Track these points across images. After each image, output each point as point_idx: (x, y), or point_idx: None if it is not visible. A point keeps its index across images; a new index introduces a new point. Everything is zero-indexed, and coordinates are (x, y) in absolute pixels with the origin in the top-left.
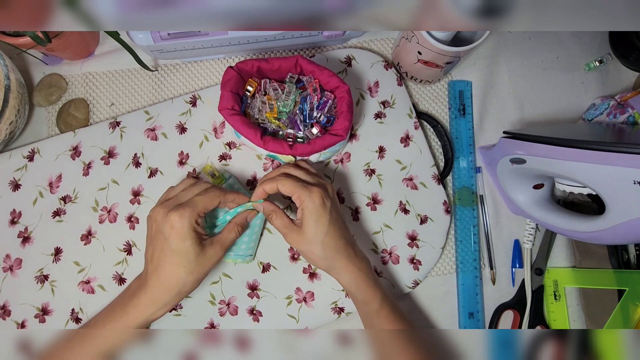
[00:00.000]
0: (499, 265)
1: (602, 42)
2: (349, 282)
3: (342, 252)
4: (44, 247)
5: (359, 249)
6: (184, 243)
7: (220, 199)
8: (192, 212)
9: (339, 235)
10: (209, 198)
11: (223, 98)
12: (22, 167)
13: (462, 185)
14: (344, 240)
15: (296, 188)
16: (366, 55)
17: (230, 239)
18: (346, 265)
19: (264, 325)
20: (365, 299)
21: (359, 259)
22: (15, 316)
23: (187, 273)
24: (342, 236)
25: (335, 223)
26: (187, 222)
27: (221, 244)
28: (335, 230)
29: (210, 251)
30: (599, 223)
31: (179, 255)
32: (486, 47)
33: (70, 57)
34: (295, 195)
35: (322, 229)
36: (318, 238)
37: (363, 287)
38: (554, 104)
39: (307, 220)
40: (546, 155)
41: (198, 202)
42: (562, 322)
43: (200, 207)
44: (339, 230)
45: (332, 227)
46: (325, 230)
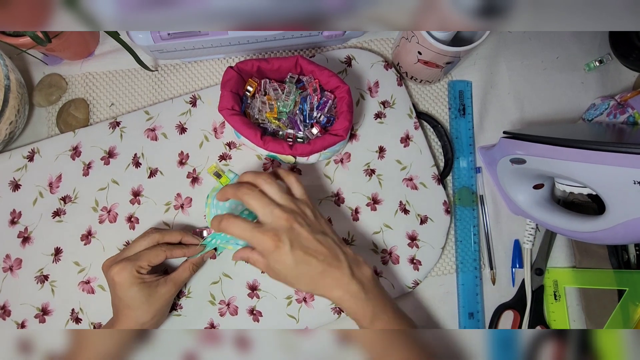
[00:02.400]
0: (499, 265)
1: (602, 42)
2: (337, 303)
3: (321, 281)
4: (44, 247)
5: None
6: (130, 291)
7: (167, 254)
8: (132, 266)
9: (312, 268)
10: (153, 254)
11: (223, 98)
12: (22, 167)
13: (462, 185)
14: (321, 268)
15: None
16: (366, 55)
17: (184, 277)
18: (329, 291)
19: (264, 325)
20: (354, 317)
21: (346, 279)
22: (15, 316)
23: (142, 313)
24: (317, 266)
25: (302, 260)
26: (127, 274)
27: (174, 282)
28: (305, 266)
29: (162, 290)
30: (599, 223)
31: (129, 300)
32: (486, 47)
33: (70, 57)
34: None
35: (288, 272)
36: (289, 280)
37: (350, 308)
38: (554, 104)
39: (270, 265)
40: (546, 155)
41: (142, 256)
42: (562, 322)
43: (142, 262)
44: (309, 264)
45: (300, 266)
46: (292, 272)
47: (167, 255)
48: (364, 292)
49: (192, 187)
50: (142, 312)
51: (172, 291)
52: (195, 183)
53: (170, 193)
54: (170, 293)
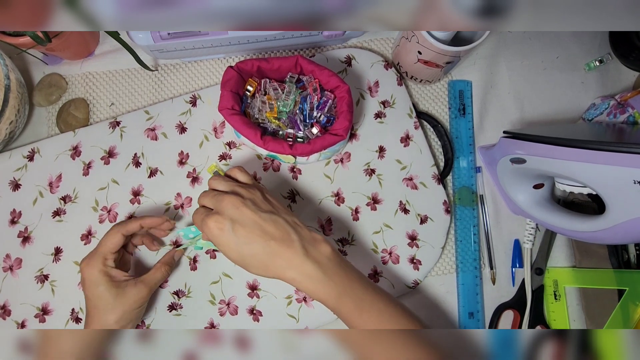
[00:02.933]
0: (499, 265)
1: (602, 42)
2: (295, 286)
3: (271, 263)
4: (44, 247)
5: (310, 237)
6: (97, 289)
7: (121, 232)
8: (98, 258)
9: (259, 249)
10: (109, 237)
11: (223, 98)
12: (22, 167)
13: (462, 185)
14: (270, 249)
15: (198, 223)
16: (366, 55)
17: (156, 278)
18: (282, 273)
19: (264, 325)
20: (317, 299)
21: (299, 259)
22: (15, 316)
23: (107, 315)
24: (265, 247)
25: (247, 242)
26: (94, 270)
27: (145, 284)
28: (251, 247)
29: (132, 291)
30: (599, 223)
31: (96, 300)
32: (486, 47)
33: (70, 57)
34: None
35: (235, 255)
36: (240, 263)
37: (309, 290)
38: (554, 104)
39: (221, 251)
40: (546, 155)
41: (101, 245)
42: (562, 322)
43: (104, 250)
44: (255, 244)
45: (245, 248)
46: (238, 255)
47: (122, 234)
48: (322, 272)
49: (192, 187)
50: (108, 313)
51: (143, 293)
52: (195, 183)
53: (170, 193)
54: (139, 295)
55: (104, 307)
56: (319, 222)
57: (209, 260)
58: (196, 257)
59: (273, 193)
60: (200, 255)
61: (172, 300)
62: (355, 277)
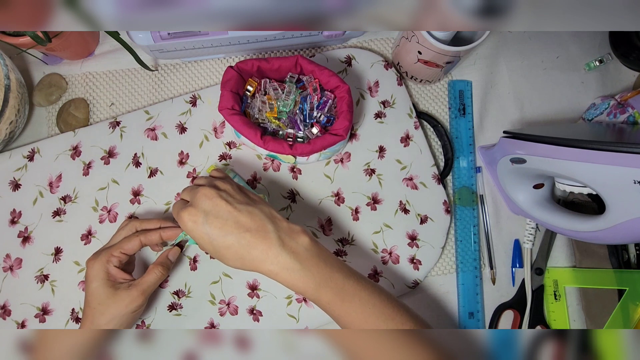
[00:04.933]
0: (499, 265)
1: (602, 42)
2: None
3: (247, 254)
4: (44, 246)
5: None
6: (92, 284)
7: (142, 240)
8: (105, 254)
9: (234, 241)
10: (126, 241)
11: (223, 98)
12: (22, 167)
13: (462, 185)
14: (245, 241)
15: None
16: (366, 55)
17: (150, 281)
18: (258, 264)
19: (264, 325)
20: (295, 290)
21: (275, 250)
22: (15, 316)
23: (97, 314)
24: (240, 238)
25: (221, 233)
26: (97, 265)
27: (138, 288)
28: (225, 238)
29: (124, 294)
30: (599, 223)
31: (89, 297)
32: (486, 47)
33: (70, 56)
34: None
35: (210, 247)
36: (216, 256)
37: (286, 281)
38: (554, 104)
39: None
40: (546, 154)
41: (116, 244)
42: (562, 322)
43: (115, 250)
44: (230, 236)
45: (219, 239)
46: (212, 247)
47: (142, 242)
48: (299, 263)
49: None
50: (98, 312)
51: (134, 297)
52: None
53: (171, 193)
54: (131, 298)
55: (96, 307)
56: (319, 222)
57: (209, 260)
58: (196, 257)
59: (273, 193)
60: (200, 255)
61: (172, 300)
62: (336, 267)
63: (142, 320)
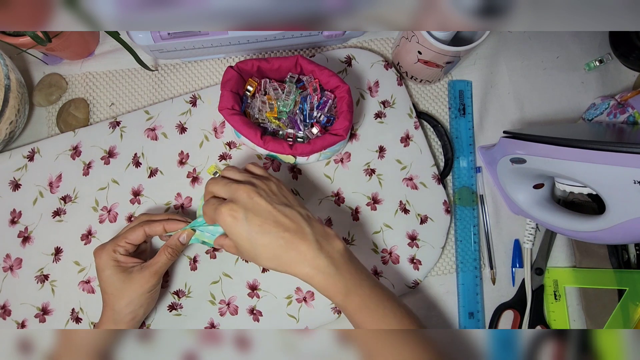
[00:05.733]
0: (499, 265)
1: (602, 42)
2: (305, 280)
3: (284, 255)
4: (44, 246)
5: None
6: (104, 273)
7: (146, 230)
8: (111, 245)
9: (272, 240)
10: (131, 231)
11: (223, 98)
12: (22, 167)
13: (462, 185)
14: (283, 241)
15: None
16: (366, 55)
17: (161, 261)
18: (294, 266)
19: (264, 325)
20: (325, 294)
21: (312, 252)
22: (15, 316)
23: (116, 299)
24: (278, 238)
25: (260, 231)
26: (104, 255)
27: (150, 269)
28: (263, 237)
29: (137, 276)
30: (599, 223)
31: (105, 284)
32: (486, 47)
33: (70, 57)
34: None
35: (247, 245)
36: (251, 254)
37: (319, 284)
38: (554, 104)
39: (233, 242)
40: (546, 155)
41: (120, 234)
42: (562, 322)
43: (120, 239)
44: (268, 235)
45: (257, 237)
46: (250, 244)
47: (146, 232)
48: (334, 267)
49: (192, 187)
50: (116, 297)
51: (147, 277)
52: (196, 183)
53: (171, 193)
54: (145, 279)
55: (113, 292)
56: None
57: (209, 260)
58: (196, 257)
59: None
60: (201, 255)
61: (172, 300)
62: (364, 274)
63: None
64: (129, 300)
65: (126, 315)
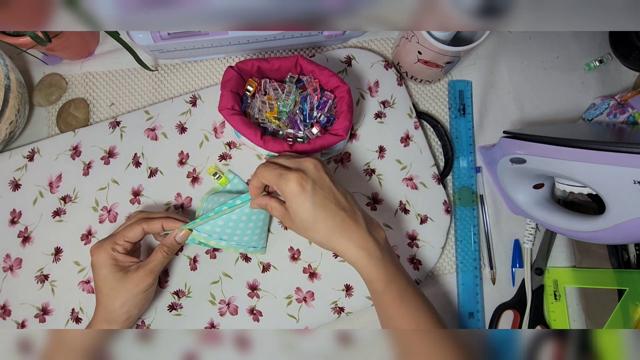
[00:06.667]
0: (499, 265)
1: (602, 42)
2: (351, 261)
3: (338, 232)
4: (44, 247)
5: (369, 218)
6: (101, 271)
7: (144, 227)
8: (109, 242)
9: (330, 216)
10: (129, 228)
11: (223, 98)
12: (22, 167)
13: (462, 185)
14: (340, 218)
15: (272, 177)
16: (366, 55)
17: (157, 260)
18: (345, 244)
19: (264, 325)
20: (368, 278)
21: (363, 234)
22: (15, 316)
23: (110, 299)
24: (335, 215)
25: (322, 205)
26: (102, 253)
27: (146, 268)
28: (324, 211)
29: (133, 275)
30: (599, 223)
31: (100, 283)
32: (486, 47)
33: (70, 57)
34: (274, 185)
35: (307, 216)
36: (307, 225)
37: (366, 267)
38: (554, 104)
39: (291, 209)
40: (546, 155)
41: (118, 232)
42: (562, 322)
43: (118, 237)
44: (328, 210)
45: (319, 210)
46: (311, 216)
47: (144, 229)
48: (381, 252)
49: (192, 187)
50: (111, 297)
51: (142, 277)
52: (195, 183)
53: (170, 193)
54: (140, 279)
55: (108, 292)
56: None
57: (209, 260)
58: (196, 257)
59: None
60: (201, 255)
61: (172, 300)
62: (401, 268)
63: (142, 320)
64: (123, 301)
65: (120, 315)
